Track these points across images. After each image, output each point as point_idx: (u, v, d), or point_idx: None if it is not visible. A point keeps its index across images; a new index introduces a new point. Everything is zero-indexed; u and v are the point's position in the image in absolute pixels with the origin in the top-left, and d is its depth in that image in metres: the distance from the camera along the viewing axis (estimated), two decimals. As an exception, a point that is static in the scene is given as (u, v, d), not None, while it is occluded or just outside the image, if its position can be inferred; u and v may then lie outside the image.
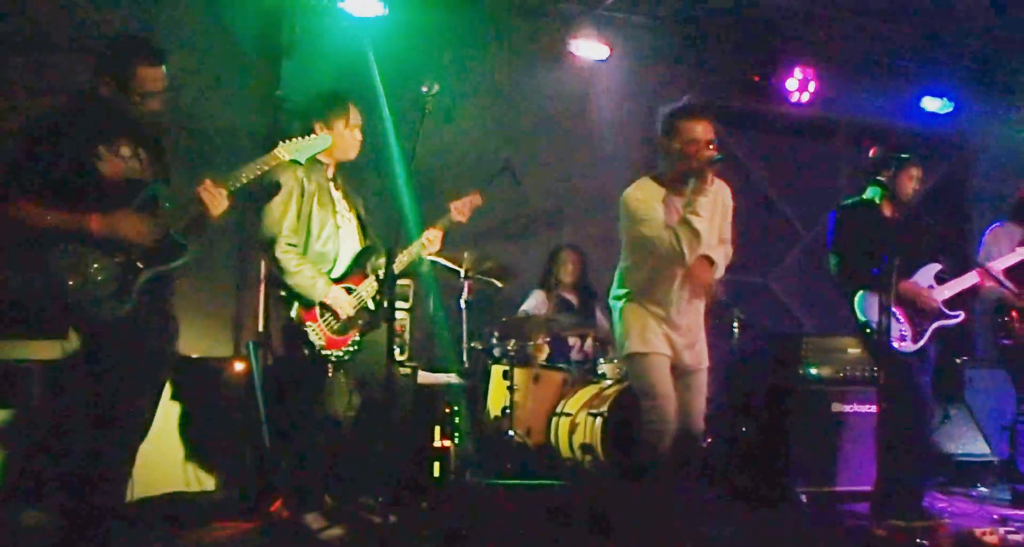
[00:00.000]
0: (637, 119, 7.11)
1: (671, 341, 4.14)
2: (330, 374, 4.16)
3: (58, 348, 4.23)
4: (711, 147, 4.04)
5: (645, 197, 4.11)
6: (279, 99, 6.10)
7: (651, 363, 4.10)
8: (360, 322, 4.23)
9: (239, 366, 5.14)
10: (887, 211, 4.95)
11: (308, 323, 4.12)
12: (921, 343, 4.83)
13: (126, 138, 3.51)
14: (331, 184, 4.35)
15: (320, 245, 4.23)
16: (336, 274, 4.25)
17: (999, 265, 5.16)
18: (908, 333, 4.81)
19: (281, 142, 3.79)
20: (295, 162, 3.94)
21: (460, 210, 4.55)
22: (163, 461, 4.59)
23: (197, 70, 5.75)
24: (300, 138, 3.83)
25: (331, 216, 4.28)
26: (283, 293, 4.15)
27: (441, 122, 4.57)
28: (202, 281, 5.52)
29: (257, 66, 6.15)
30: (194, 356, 5.18)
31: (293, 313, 4.11)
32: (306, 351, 4.11)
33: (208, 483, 4.82)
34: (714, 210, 4.15)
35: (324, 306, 4.14)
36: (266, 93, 6.10)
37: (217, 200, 3.53)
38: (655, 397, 4.05)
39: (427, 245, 4.43)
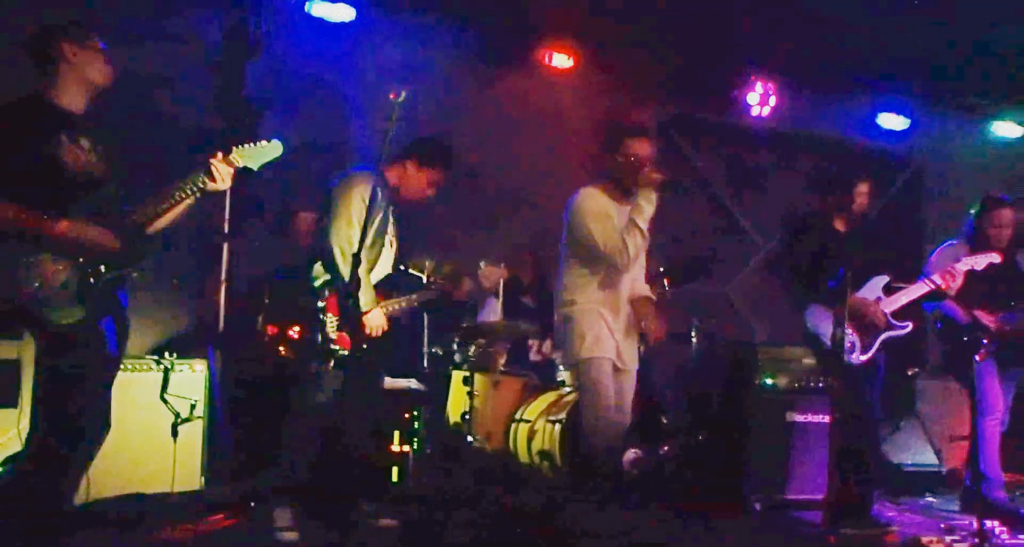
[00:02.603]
0: (600, 127, 7.18)
1: (618, 346, 4.41)
2: (330, 368, 4.21)
3: (14, 349, 4.18)
4: (652, 165, 4.33)
5: (600, 204, 4.39)
6: (244, 100, 6.09)
7: (602, 367, 4.35)
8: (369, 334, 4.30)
9: (199, 367, 5.11)
10: (839, 225, 5.06)
11: (329, 314, 4.21)
12: (869, 354, 4.93)
13: (85, 130, 3.44)
14: (390, 209, 4.42)
15: (367, 263, 4.28)
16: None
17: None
18: (856, 344, 4.91)
19: (235, 147, 3.66)
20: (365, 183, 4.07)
21: (487, 276, 4.92)
22: (123, 461, 4.55)
23: (161, 70, 5.72)
24: (252, 144, 3.69)
25: (381, 238, 4.36)
26: (317, 284, 4.24)
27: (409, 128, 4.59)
28: (162, 282, 5.49)
29: (223, 67, 6.14)
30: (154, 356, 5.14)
31: (320, 302, 4.19)
32: (319, 338, 4.18)
33: (167, 484, 4.79)
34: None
35: (361, 321, 4.20)
36: (231, 94, 6.09)
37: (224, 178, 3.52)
38: (607, 399, 4.31)
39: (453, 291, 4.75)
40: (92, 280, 3.35)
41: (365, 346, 4.26)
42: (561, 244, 4.55)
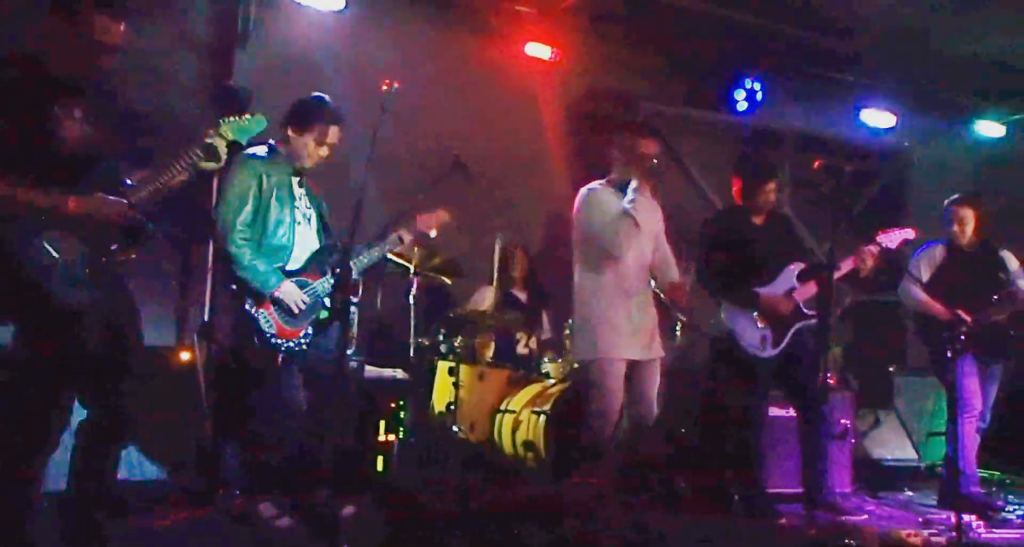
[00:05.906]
0: (586, 121, 7.21)
1: (631, 341, 4.62)
2: (279, 363, 4.15)
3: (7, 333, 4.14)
4: (655, 161, 4.72)
5: (606, 199, 4.69)
6: (229, 89, 6.05)
7: (604, 368, 4.56)
8: (313, 316, 4.24)
9: (184, 356, 5.11)
10: (757, 220, 5.15)
11: (261, 311, 4.13)
12: (780, 348, 4.99)
13: (78, 101, 3.30)
14: (293, 179, 4.34)
15: (276, 239, 4.22)
16: (291, 268, 4.25)
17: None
18: (768, 338, 4.97)
19: (221, 120, 3.64)
20: (255, 157, 4.03)
21: (427, 223, 4.64)
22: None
23: (146, 56, 5.68)
24: (237, 117, 3.68)
25: (289, 211, 4.27)
26: (235, 286, 4.15)
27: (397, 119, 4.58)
28: (146, 268, 5.46)
29: (209, 55, 6.11)
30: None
31: (247, 304, 4.11)
32: (256, 340, 4.11)
33: (151, 471, 4.78)
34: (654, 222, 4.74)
35: (276, 299, 4.14)
36: (216, 82, 6.06)
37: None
38: (609, 401, 4.51)
39: (400, 243, 4.55)
40: (103, 260, 3.26)
41: (311, 330, 4.22)
42: (573, 243, 4.82)
